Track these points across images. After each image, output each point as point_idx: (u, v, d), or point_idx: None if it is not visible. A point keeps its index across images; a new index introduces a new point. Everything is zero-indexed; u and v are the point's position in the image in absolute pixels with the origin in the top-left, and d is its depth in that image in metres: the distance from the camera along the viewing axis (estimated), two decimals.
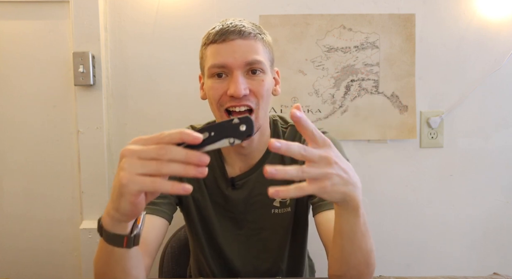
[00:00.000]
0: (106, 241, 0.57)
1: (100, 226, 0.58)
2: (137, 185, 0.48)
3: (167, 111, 1.44)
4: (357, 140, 1.47)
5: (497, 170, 1.49)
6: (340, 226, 0.63)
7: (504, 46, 1.44)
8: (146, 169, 0.48)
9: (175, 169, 0.47)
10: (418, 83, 1.44)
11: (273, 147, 0.49)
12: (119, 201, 0.51)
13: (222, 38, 0.78)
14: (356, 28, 1.42)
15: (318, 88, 1.44)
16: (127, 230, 0.57)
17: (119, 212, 0.53)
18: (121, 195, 0.50)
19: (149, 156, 0.48)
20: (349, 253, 0.65)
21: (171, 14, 1.42)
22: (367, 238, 0.65)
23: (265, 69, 0.81)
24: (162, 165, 0.47)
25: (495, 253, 1.52)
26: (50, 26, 1.41)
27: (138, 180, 0.48)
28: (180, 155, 0.47)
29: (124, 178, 0.48)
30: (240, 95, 0.76)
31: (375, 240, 0.69)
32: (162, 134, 0.49)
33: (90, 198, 1.42)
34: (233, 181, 0.89)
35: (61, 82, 1.42)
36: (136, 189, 0.48)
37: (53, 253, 1.47)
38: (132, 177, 0.48)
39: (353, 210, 0.59)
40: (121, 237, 0.56)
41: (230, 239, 0.92)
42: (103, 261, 0.63)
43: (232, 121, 0.51)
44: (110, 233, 0.56)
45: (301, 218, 0.93)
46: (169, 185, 0.48)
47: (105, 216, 0.56)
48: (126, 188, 0.48)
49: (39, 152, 1.44)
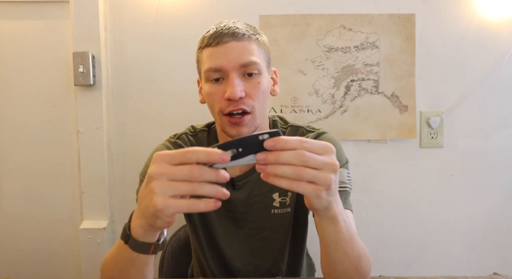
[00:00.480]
0: (133, 248, 0.58)
1: (126, 234, 0.59)
2: (172, 208, 0.49)
3: (167, 111, 1.44)
4: (357, 140, 1.47)
5: (497, 170, 1.49)
6: (322, 234, 0.63)
7: (504, 46, 1.44)
8: (178, 191, 0.49)
9: (208, 191, 0.48)
10: (418, 83, 1.44)
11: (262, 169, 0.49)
12: (154, 220, 0.52)
13: (216, 41, 0.78)
14: (356, 28, 1.42)
15: (318, 88, 1.44)
16: (155, 238, 0.58)
17: (153, 227, 0.54)
18: (156, 218, 0.51)
19: (180, 178, 0.48)
20: (335, 260, 0.65)
21: (171, 14, 1.42)
22: (353, 244, 0.65)
23: (261, 70, 0.80)
24: (194, 187, 0.48)
25: (495, 253, 1.52)
26: (50, 26, 1.41)
27: (172, 203, 0.49)
28: (211, 177, 0.48)
29: (159, 204, 0.48)
30: (236, 97, 0.76)
31: (375, 240, 0.69)
32: (188, 153, 0.48)
33: (90, 198, 1.42)
34: (234, 182, 0.89)
35: (61, 82, 1.42)
36: (171, 212, 0.49)
37: (53, 253, 1.47)
38: (166, 201, 0.48)
39: (332, 218, 0.59)
40: (149, 245, 0.58)
41: (230, 239, 0.92)
42: (121, 268, 0.63)
43: (259, 136, 0.49)
44: (139, 242, 0.57)
45: (301, 218, 0.93)
46: (202, 204, 0.49)
47: (136, 227, 0.57)
48: (162, 212, 0.49)
49: (39, 152, 1.44)
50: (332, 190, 0.53)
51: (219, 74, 0.79)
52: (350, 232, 0.64)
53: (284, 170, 0.49)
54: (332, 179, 0.51)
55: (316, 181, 0.50)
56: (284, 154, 0.48)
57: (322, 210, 0.57)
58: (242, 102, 0.78)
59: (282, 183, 0.50)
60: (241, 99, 0.77)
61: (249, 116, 0.79)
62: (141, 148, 1.40)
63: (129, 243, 0.58)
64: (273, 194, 0.90)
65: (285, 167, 0.49)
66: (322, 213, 0.58)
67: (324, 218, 0.59)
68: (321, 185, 0.51)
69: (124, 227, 0.60)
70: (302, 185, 0.50)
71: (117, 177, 1.46)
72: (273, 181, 0.50)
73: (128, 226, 0.59)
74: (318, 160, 0.50)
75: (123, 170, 1.46)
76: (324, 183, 0.51)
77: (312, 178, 0.50)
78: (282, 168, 0.49)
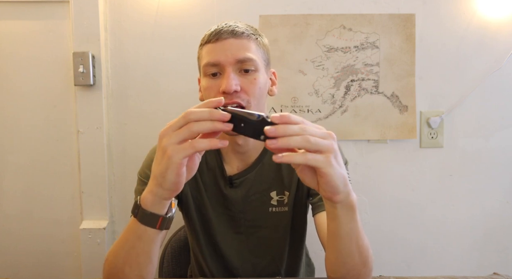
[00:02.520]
0: (141, 220, 0.62)
1: (137, 206, 0.63)
2: (180, 152, 0.54)
3: (167, 111, 1.45)
4: (357, 140, 1.47)
5: (497, 170, 1.49)
6: (337, 228, 0.62)
7: (504, 46, 1.44)
8: (181, 135, 0.54)
9: (204, 126, 0.53)
10: (418, 83, 1.44)
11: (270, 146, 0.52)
12: (165, 175, 0.56)
13: (215, 37, 0.80)
14: (356, 28, 1.42)
15: (318, 88, 1.44)
16: (164, 211, 0.62)
17: (163, 187, 0.58)
18: (167, 168, 0.55)
19: (180, 125, 0.55)
20: (347, 255, 0.65)
21: (171, 14, 1.42)
22: (363, 236, 0.66)
23: (258, 67, 0.81)
24: (191, 125, 0.54)
25: (495, 253, 1.52)
26: (50, 26, 1.41)
27: (179, 148, 0.54)
28: (205, 114, 0.54)
29: (169, 150, 0.54)
30: (230, 90, 0.77)
31: (375, 240, 0.69)
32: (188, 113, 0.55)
33: (90, 198, 1.42)
34: (231, 180, 0.89)
35: (61, 82, 1.42)
36: (181, 157, 0.54)
37: (53, 253, 1.47)
38: (174, 147, 0.54)
39: (352, 206, 0.60)
40: (157, 217, 0.61)
41: (228, 237, 0.92)
42: (130, 246, 0.65)
43: (257, 116, 0.53)
44: (147, 212, 0.61)
45: (299, 217, 0.93)
46: (206, 141, 0.54)
47: (146, 195, 0.61)
48: (172, 159, 0.54)
49: (39, 152, 1.44)
50: (339, 159, 0.55)
51: (216, 69, 0.80)
52: (361, 225, 0.65)
53: (296, 139, 0.52)
54: (334, 145, 0.55)
55: (321, 148, 0.53)
56: (291, 125, 0.52)
57: (342, 192, 0.57)
58: (237, 96, 0.78)
59: (298, 158, 0.52)
60: (236, 93, 0.78)
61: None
62: (141, 148, 1.40)
63: (138, 215, 0.62)
64: (270, 193, 0.90)
65: (295, 137, 0.52)
66: (342, 198, 0.58)
67: (343, 206, 0.60)
68: (328, 151, 0.53)
69: (135, 200, 0.64)
70: (315, 156, 0.53)
71: (117, 177, 1.46)
72: (288, 159, 0.52)
73: (138, 199, 0.63)
74: (318, 131, 0.54)
75: (123, 170, 1.46)
76: (330, 149, 0.54)
77: (317, 145, 0.52)
78: (294, 138, 0.51)
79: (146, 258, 0.66)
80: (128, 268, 0.66)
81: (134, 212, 0.63)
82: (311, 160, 0.52)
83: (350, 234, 0.63)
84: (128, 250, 0.65)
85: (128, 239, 0.66)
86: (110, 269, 0.68)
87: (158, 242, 0.66)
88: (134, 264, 0.66)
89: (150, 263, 0.66)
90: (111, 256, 0.69)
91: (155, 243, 0.65)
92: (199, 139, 0.54)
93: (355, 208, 0.61)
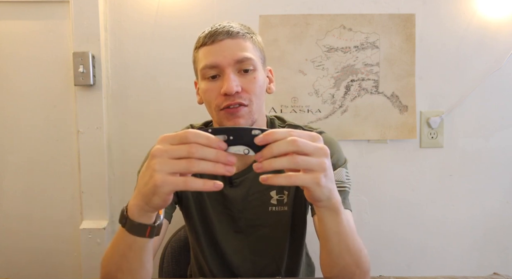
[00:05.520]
0: (129, 231, 0.59)
1: (124, 216, 0.60)
2: (170, 185, 0.50)
3: (167, 111, 1.45)
4: (357, 140, 1.47)
5: (497, 170, 1.49)
6: (324, 228, 0.63)
7: (504, 46, 1.44)
8: (177, 167, 0.50)
9: (205, 167, 0.49)
10: (418, 83, 1.44)
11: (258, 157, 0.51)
12: (151, 198, 0.53)
13: (211, 39, 0.80)
14: (356, 28, 1.42)
15: (318, 88, 1.44)
16: (152, 220, 0.60)
17: (149, 206, 0.55)
18: (154, 194, 0.52)
19: (179, 155, 0.50)
20: (337, 255, 0.66)
21: (171, 14, 1.42)
22: (354, 238, 0.66)
23: (256, 66, 0.82)
24: (192, 164, 0.49)
25: (495, 253, 1.52)
26: (50, 26, 1.41)
27: (171, 180, 0.50)
28: (211, 154, 0.49)
29: (158, 180, 0.50)
30: (232, 91, 0.77)
31: (375, 240, 0.69)
32: (189, 133, 0.50)
33: (90, 198, 1.42)
34: (231, 179, 0.89)
35: (61, 82, 1.42)
36: (169, 189, 0.51)
37: (53, 253, 1.47)
38: (165, 178, 0.50)
39: (334, 209, 0.60)
40: (145, 226, 0.59)
41: (228, 236, 0.92)
42: (120, 254, 0.64)
43: (252, 130, 0.51)
44: (135, 222, 0.58)
45: (299, 217, 0.93)
46: (200, 182, 0.50)
47: (132, 207, 0.58)
48: (160, 188, 0.51)
49: (39, 152, 1.44)
50: (329, 176, 0.54)
51: (215, 71, 0.80)
52: (350, 226, 0.65)
53: (281, 161, 0.50)
54: (326, 163, 0.52)
55: (311, 167, 0.51)
56: (277, 144, 0.50)
57: (325, 200, 0.57)
58: (238, 96, 0.79)
59: (281, 180, 0.51)
60: (238, 94, 0.78)
61: (246, 108, 0.80)
62: (141, 148, 1.39)
63: (126, 225, 0.60)
64: (270, 192, 0.90)
65: (280, 159, 0.50)
66: (325, 204, 0.59)
67: (327, 209, 0.60)
68: (318, 170, 0.52)
69: (122, 210, 0.61)
70: (300, 176, 0.51)
71: (117, 177, 1.46)
72: (272, 181, 0.51)
73: (125, 209, 0.60)
74: (309, 145, 0.51)
75: (123, 170, 1.46)
76: (320, 168, 0.52)
77: (307, 164, 0.51)
78: (279, 161, 0.50)
79: (138, 265, 0.64)
80: (121, 274, 0.65)
81: (121, 222, 0.61)
82: (297, 181, 0.51)
83: (338, 234, 0.63)
84: (119, 258, 0.64)
85: (119, 247, 0.64)
86: (105, 274, 0.68)
87: (150, 248, 0.64)
88: (126, 271, 0.65)
89: (143, 269, 0.65)
90: (105, 261, 0.68)
91: (146, 250, 0.64)
92: (193, 178, 0.50)
93: (338, 210, 0.61)
